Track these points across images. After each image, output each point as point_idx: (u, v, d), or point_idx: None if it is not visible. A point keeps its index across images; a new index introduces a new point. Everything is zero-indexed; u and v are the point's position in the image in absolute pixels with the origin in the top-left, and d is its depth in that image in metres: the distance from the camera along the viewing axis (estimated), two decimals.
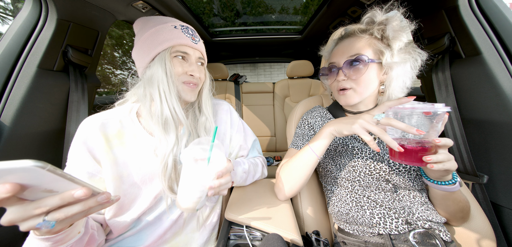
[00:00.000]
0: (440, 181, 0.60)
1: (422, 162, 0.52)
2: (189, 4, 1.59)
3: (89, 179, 0.61)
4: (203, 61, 0.75)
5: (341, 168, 0.75)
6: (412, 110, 0.51)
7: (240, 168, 0.81)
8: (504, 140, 0.78)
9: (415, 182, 0.69)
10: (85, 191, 0.37)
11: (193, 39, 0.69)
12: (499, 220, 0.81)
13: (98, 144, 0.62)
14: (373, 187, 0.71)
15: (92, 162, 0.61)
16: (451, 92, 0.91)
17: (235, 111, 0.92)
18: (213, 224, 0.80)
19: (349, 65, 0.72)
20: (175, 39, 0.65)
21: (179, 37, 0.66)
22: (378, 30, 0.71)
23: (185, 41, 0.67)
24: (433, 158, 0.51)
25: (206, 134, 0.75)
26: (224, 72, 2.32)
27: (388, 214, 0.68)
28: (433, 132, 0.51)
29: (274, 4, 2.00)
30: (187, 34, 0.68)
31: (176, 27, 0.67)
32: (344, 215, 0.74)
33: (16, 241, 0.78)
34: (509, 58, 0.77)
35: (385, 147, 0.72)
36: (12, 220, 0.35)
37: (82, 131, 0.63)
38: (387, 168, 0.69)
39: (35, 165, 0.30)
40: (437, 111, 0.49)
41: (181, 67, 0.66)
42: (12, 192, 0.32)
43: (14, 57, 0.80)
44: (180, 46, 0.66)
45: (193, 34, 0.70)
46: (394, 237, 0.66)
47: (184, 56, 0.68)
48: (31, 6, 0.84)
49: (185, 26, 0.69)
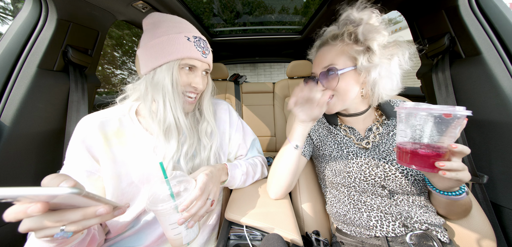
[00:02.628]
0: (447, 192, 0.57)
1: (433, 168, 0.49)
2: (189, 4, 1.59)
3: (88, 177, 0.60)
4: (209, 70, 0.74)
5: (336, 174, 0.74)
6: (429, 111, 0.47)
7: (238, 171, 0.81)
8: (504, 140, 0.78)
9: (413, 186, 0.67)
10: (107, 208, 0.39)
11: (204, 52, 0.68)
12: (499, 220, 0.81)
13: (96, 143, 0.61)
14: (369, 193, 0.70)
15: (90, 160, 0.61)
16: (451, 92, 0.91)
17: (234, 110, 0.92)
18: (213, 224, 0.80)
19: (324, 76, 0.71)
20: (187, 52, 0.64)
21: (191, 51, 0.65)
22: (349, 34, 0.68)
23: (195, 55, 0.66)
24: (446, 164, 0.48)
25: (208, 140, 0.75)
26: (224, 72, 2.32)
27: (385, 217, 0.68)
28: (449, 138, 0.48)
29: (274, 4, 2.00)
30: (198, 48, 0.67)
31: (189, 39, 0.65)
32: (342, 216, 0.74)
33: (16, 242, 0.78)
34: (509, 58, 0.77)
35: (382, 151, 0.70)
36: (30, 228, 0.35)
37: (80, 129, 0.62)
38: (382, 175, 0.68)
39: (71, 192, 0.31)
40: (457, 114, 0.45)
41: (186, 77, 0.66)
42: (43, 211, 0.33)
43: (14, 57, 0.80)
44: (190, 60, 0.66)
45: (205, 47, 0.69)
46: (391, 239, 0.66)
47: (192, 67, 0.67)
48: (31, 6, 0.84)
49: (197, 38, 0.68)
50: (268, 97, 2.35)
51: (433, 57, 1.03)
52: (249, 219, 0.67)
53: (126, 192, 0.64)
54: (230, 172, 0.78)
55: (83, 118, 0.64)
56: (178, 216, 0.53)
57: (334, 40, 0.72)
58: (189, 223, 0.55)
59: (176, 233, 0.54)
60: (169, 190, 0.54)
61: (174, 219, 0.53)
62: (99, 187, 0.62)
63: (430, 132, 0.49)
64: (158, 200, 0.54)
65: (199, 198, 0.57)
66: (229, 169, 0.78)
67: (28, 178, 0.85)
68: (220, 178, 0.73)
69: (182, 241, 0.55)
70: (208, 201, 0.60)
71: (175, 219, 0.53)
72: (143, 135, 0.67)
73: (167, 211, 0.52)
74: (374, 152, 0.71)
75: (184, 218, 0.53)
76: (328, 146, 0.79)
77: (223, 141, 0.84)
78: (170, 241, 0.56)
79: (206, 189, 0.60)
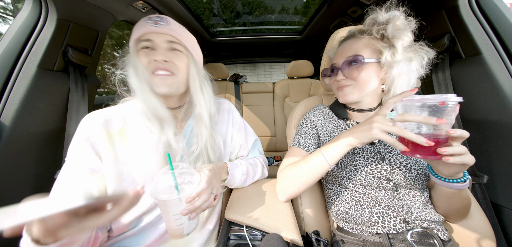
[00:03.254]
0: (451, 179, 0.58)
1: (436, 155, 0.50)
2: (189, 4, 1.59)
3: (91, 175, 0.60)
4: (177, 44, 0.66)
5: (342, 168, 0.75)
6: (423, 101, 0.49)
7: (238, 171, 0.80)
8: (504, 140, 0.78)
9: (416, 180, 0.69)
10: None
11: (156, 23, 0.63)
12: (499, 220, 0.81)
13: (100, 140, 0.61)
14: (374, 186, 0.71)
15: (94, 158, 0.61)
16: (451, 92, 0.91)
17: (236, 110, 0.92)
18: (213, 224, 0.80)
19: (347, 65, 0.74)
20: (137, 31, 0.63)
21: (140, 26, 0.63)
22: (377, 30, 0.71)
23: (145, 29, 0.62)
24: (448, 149, 0.49)
25: (205, 128, 0.73)
26: (224, 72, 2.32)
27: (386, 213, 0.68)
28: (446, 124, 0.50)
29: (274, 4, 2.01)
30: (148, 21, 0.63)
31: (143, 20, 0.63)
32: (343, 213, 0.75)
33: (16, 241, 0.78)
34: (509, 58, 0.77)
35: (388, 146, 0.72)
36: None
37: (85, 126, 0.62)
38: (388, 167, 0.70)
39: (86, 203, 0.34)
40: (450, 102, 0.47)
41: (146, 57, 0.63)
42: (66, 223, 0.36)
43: (14, 57, 0.80)
44: (143, 36, 0.63)
45: (157, 19, 0.63)
46: (392, 236, 0.66)
47: (150, 44, 0.63)
48: (31, 6, 0.84)
49: (152, 16, 0.64)
50: (268, 97, 2.35)
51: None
52: (249, 219, 0.67)
53: None
54: (230, 171, 0.78)
55: (87, 115, 0.64)
56: (182, 207, 0.54)
57: (361, 34, 0.75)
58: (192, 214, 0.55)
59: (179, 223, 0.55)
60: (174, 182, 0.55)
61: (179, 210, 0.54)
62: (101, 185, 0.62)
63: None
64: (164, 190, 0.54)
65: (205, 191, 0.58)
66: (229, 168, 0.78)
67: (28, 178, 0.85)
68: (221, 175, 0.73)
69: (183, 231, 0.56)
70: (212, 195, 0.61)
71: (179, 210, 0.54)
72: (146, 134, 0.67)
73: (173, 201, 0.53)
74: (380, 146, 0.73)
75: (188, 210, 0.54)
76: None
77: (225, 140, 0.83)
78: (171, 231, 0.56)
79: (210, 184, 0.61)
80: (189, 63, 0.68)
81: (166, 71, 0.64)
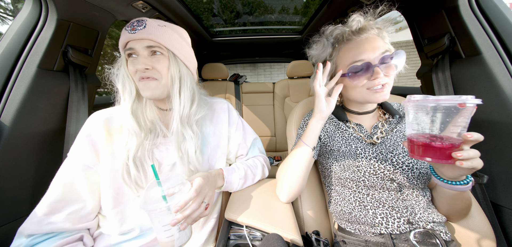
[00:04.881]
0: (454, 181, 0.56)
1: (450, 159, 0.47)
2: (189, 4, 1.59)
3: (83, 171, 0.62)
4: (157, 47, 0.63)
5: (345, 169, 0.74)
6: (437, 102, 0.46)
7: (235, 176, 0.79)
8: (504, 140, 0.78)
9: (418, 180, 0.68)
10: None
11: (133, 29, 0.61)
12: (499, 220, 0.81)
13: (100, 137, 0.64)
14: (377, 187, 0.71)
15: (91, 154, 0.63)
16: (451, 92, 0.91)
17: (234, 109, 0.91)
18: (213, 224, 0.80)
19: (384, 61, 0.66)
20: (120, 40, 0.65)
21: (122, 35, 0.64)
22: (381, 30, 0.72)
23: (125, 38, 0.63)
24: (464, 154, 0.46)
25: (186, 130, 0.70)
26: (224, 72, 2.32)
27: (390, 214, 0.68)
28: (461, 128, 0.47)
29: (274, 4, 2.00)
30: (127, 28, 0.62)
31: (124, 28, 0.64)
32: (346, 214, 0.74)
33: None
34: (509, 58, 0.77)
35: (389, 146, 0.71)
36: None
37: (88, 124, 0.66)
38: (391, 168, 0.69)
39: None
40: (469, 103, 0.44)
41: (132, 65, 0.64)
42: None
43: (14, 57, 0.80)
44: (126, 45, 0.64)
45: (135, 24, 0.62)
46: (395, 236, 0.66)
47: (132, 52, 0.64)
48: (31, 6, 0.84)
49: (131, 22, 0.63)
50: (268, 97, 2.35)
51: (433, 57, 1.03)
52: (249, 219, 0.67)
53: (122, 189, 0.65)
54: (226, 177, 0.76)
55: (92, 114, 0.68)
56: (171, 217, 0.53)
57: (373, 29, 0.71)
58: (182, 225, 0.54)
59: (169, 235, 0.54)
60: (162, 192, 0.54)
61: (167, 220, 0.53)
62: (93, 182, 0.64)
63: (440, 123, 0.48)
64: (152, 200, 0.54)
65: (194, 199, 0.57)
66: (225, 174, 0.77)
67: (28, 178, 0.85)
68: (215, 183, 0.72)
69: (174, 244, 0.55)
70: (203, 204, 0.60)
71: (168, 220, 0.52)
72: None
73: (160, 211, 0.52)
74: (381, 147, 0.72)
75: (177, 220, 0.52)
76: (336, 141, 0.78)
77: (222, 141, 0.83)
78: (161, 244, 0.55)
79: (201, 192, 0.60)
80: (169, 65, 0.66)
81: (149, 77, 0.64)
